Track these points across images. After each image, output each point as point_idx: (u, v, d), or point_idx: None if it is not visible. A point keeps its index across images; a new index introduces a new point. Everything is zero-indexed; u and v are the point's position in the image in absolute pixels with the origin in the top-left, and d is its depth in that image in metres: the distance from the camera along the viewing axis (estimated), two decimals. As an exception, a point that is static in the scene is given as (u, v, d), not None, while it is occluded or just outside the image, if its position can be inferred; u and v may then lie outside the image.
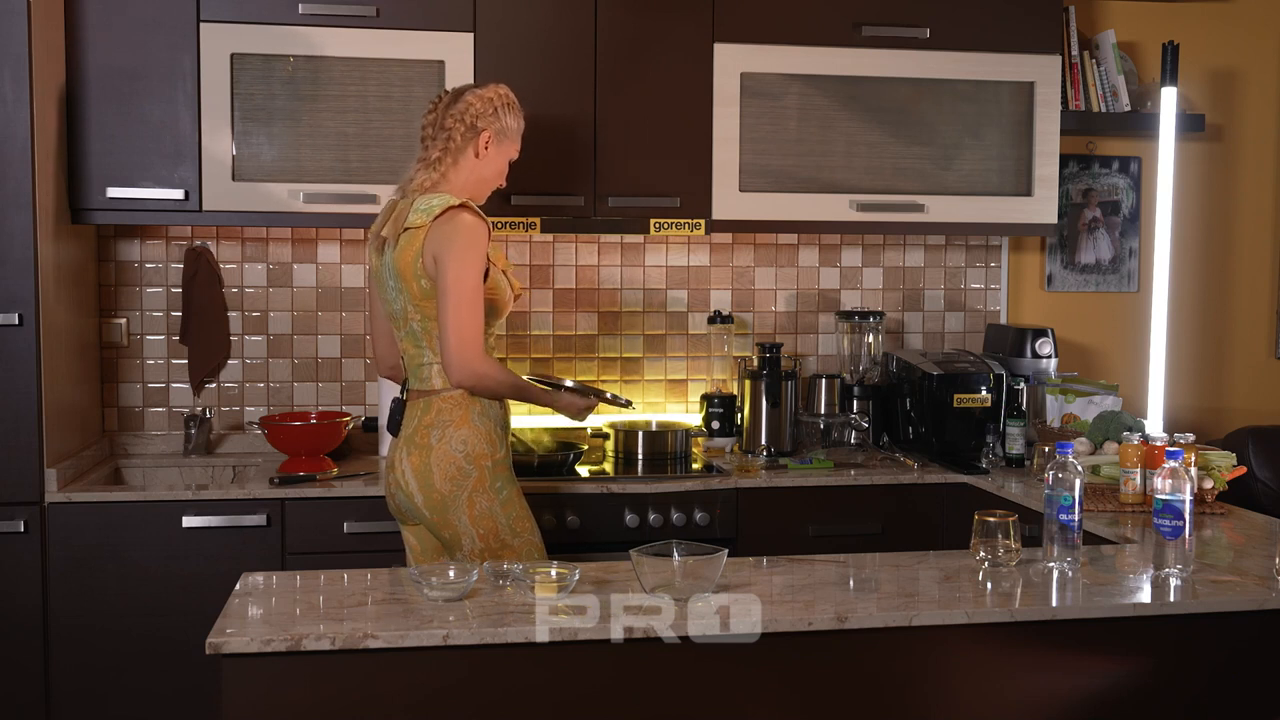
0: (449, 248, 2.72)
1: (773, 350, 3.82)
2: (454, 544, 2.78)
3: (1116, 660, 2.31)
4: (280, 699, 2.06)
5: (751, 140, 3.65)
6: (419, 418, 2.80)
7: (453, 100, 2.89)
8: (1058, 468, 2.45)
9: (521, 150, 2.94)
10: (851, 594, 2.34)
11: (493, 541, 2.77)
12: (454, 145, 2.85)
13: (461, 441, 2.77)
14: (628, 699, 2.16)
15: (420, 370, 2.83)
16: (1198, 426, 4.22)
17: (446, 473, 2.76)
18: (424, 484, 2.77)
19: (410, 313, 2.79)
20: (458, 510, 2.76)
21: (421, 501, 2.77)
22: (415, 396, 2.83)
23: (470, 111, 2.86)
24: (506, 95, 2.93)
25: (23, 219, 3.09)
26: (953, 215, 3.78)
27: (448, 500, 2.76)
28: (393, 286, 2.81)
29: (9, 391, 3.10)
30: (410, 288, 2.77)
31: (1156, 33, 4.15)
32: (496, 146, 2.90)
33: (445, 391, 2.79)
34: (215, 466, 3.68)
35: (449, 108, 2.87)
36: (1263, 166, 4.38)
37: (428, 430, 2.78)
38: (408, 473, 2.78)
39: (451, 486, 2.76)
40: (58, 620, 3.16)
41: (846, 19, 3.67)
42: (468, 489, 2.76)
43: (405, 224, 2.76)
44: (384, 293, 2.85)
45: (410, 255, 2.76)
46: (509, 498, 2.82)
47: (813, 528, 3.45)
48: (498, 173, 2.94)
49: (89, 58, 3.32)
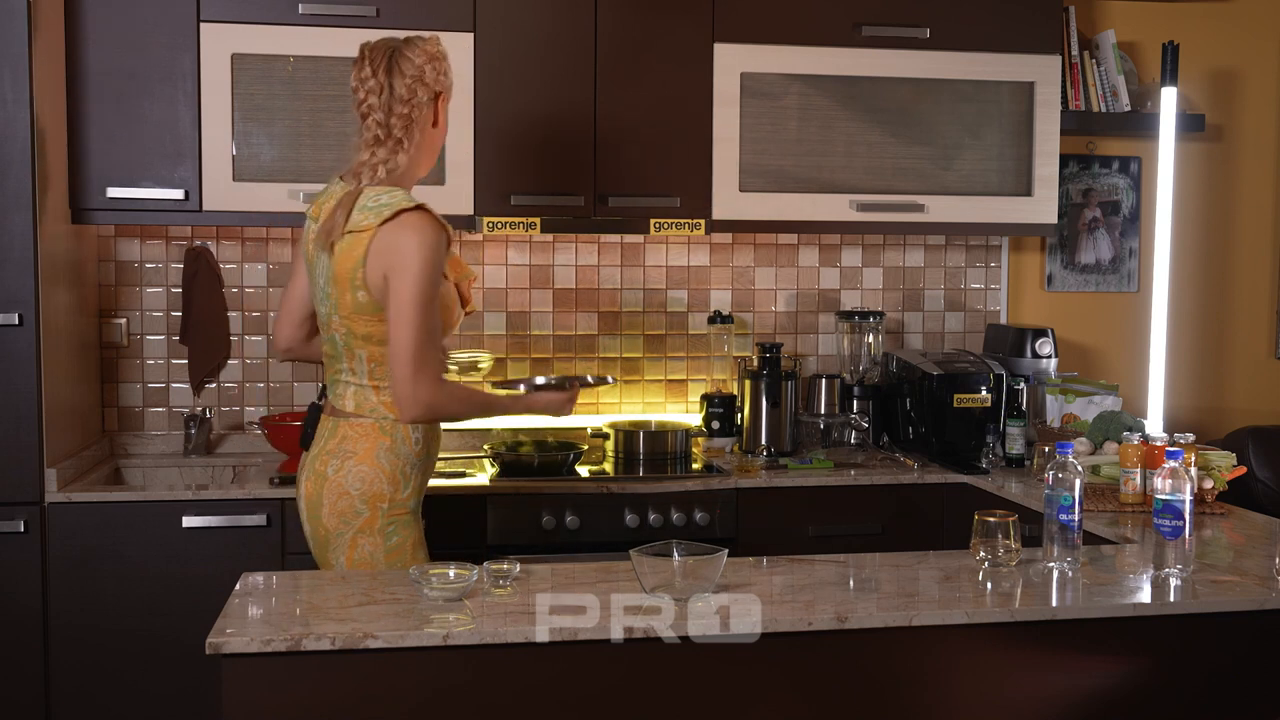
0: (403, 262, 2.39)
1: (773, 350, 3.82)
2: None
3: (1116, 660, 2.31)
4: (280, 699, 2.06)
5: (751, 140, 3.65)
6: (324, 441, 2.56)
7: (394, 61, 2.53)
8: (1058, 468, 2.45)
9: (520, 148, 2.92)
10: (851, 594, 2.34)
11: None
12: (419, 115, 2.53)
13: (359, 479, 2.50)
14: (628, 699, 2.16)
15: (335, 386, 2.58)
16: (1198, 426, 4.21)
17: (335, 507, 2.51)
18: (312, 514, 2.55)
19: (334, 323, 2.51)
20: (338, 550, 2.53)
21: (309, 532, 2.59)
22: (328, 412, 2.59)
23: (427, 73, 2.54)
24: (439, 42, 2.61)
25: (23, 219, 3.09)
26: (953, 215, 3.78)
27: (330, 537, 2.53)
28: (322, 288, 2.52)
29: (9, 391, 3.10)
30: (343, 298, 2.47)
31: (1156, 33, 4.15)
32: (444, 107, 2.61)
33: (355, 418, 2.53)
34: (215, 466, 3.68)
35: (394, 72, 2.52)
36: (1263, 166, 4.38)
37: (328, 458, 2.53)
38: (300, 498, 2.59)
39: (337, 522, 2.52)
40: (58, 620, 3.16)
41: (846, 19, 3.67)
42: (354, 528, 2.51)
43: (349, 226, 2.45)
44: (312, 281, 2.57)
45: (350, 263, 2.45)
46: (396, 545, 2.53)
47: (813, 528, 3.45)
48: (443, 138, 2.65)
49: (89, 57, 3.32)
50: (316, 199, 2.63)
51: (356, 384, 2.55)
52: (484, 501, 3.32)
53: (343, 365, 2.56)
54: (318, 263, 2.55)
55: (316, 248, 2.54)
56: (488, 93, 3.49)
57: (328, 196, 2.59)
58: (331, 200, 2.56)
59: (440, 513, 3.08)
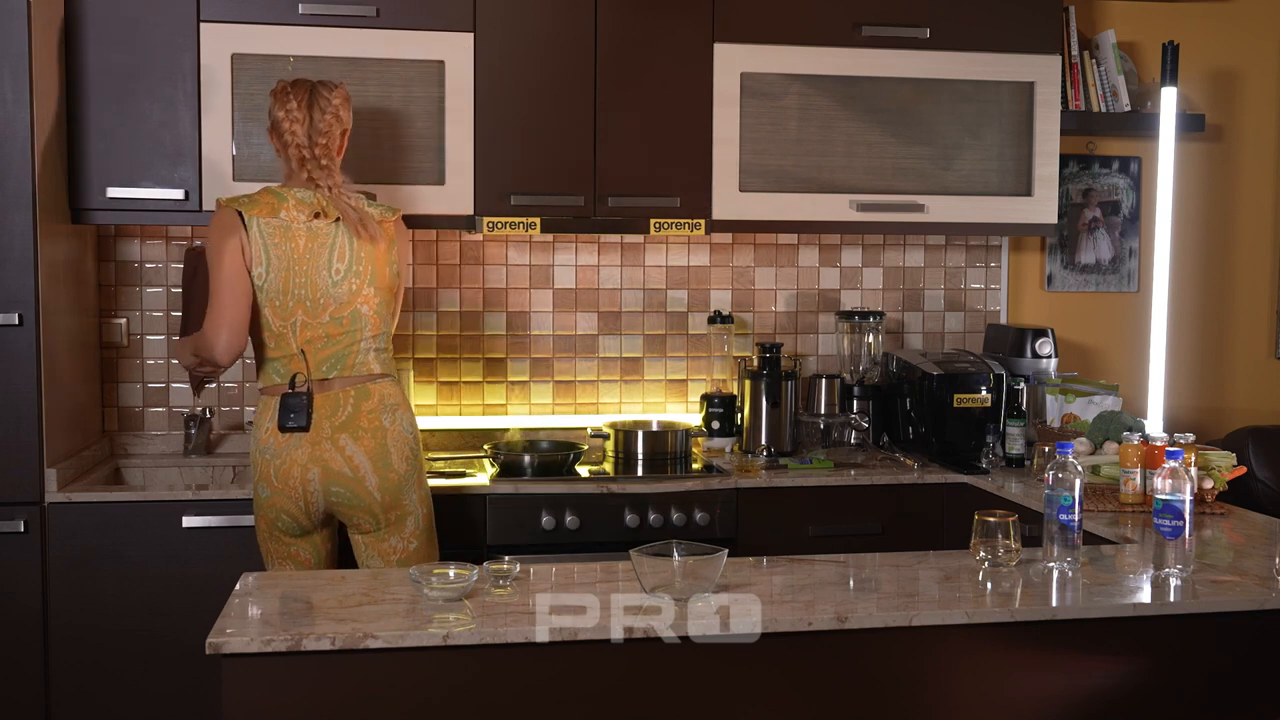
0: (407, 252, 3.08)
1: (773, 350, 3.82)
2: (396, 526, 2.88)
3: (1116, 660, 2.31)
4: (280, 699, 2.06)
5: (751, 140, 3.65)
6: (353, 404, 2.86)
7: (319, 101, 2.92)
8: (1058, 468, 2.45)
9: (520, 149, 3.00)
10: (851, 594, 2.34)
11: (430, 521, 2.95)
12: (336, 145, 2.96)
13: (409, 425, 2.91)
14: (628, 699, 2.16)
15: (350, 357, 2.88)
16: (1198, 426, 4.21)
17: (402, 453, 2.87)
18: (381, 466, 2.84)
19: (365, 295, 2.89)
20: (410, 489, 2.89)
21: (376, 485, 2.83)
22: (341, 384, 2.87)
23: (342, 116, 2.95)
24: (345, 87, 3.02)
25: (23, 219, 3.09)
26: (953, 215, 3.78)
27: (404, 480, 2.87)
28: (342, 269, 2.87)
29: (9, 391, 3.10)
30: (382, 272, 2.91)
31: (1156, 33, 4.15)
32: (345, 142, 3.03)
33: (382, 378, 2.91)
34: (215, 466, 3.68)
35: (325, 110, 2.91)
36: (1263, 166, 4.38)
37: (374, 415, 2.86)
38: (357, 458, 2.83)
39: (407, 465, 2.88)
40: (58, 620, 3.16)
41: (846, 19, 3.67)
42: (417, 468, 2.91)
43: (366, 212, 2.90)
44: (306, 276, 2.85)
45: (385, 243, 2.93)
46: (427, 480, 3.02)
47: (813, 528, 3.45)
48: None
49: (89, 57, 3.32)
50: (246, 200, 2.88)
51: (377, 348, 2.92)
52: (484, 501, 3.32)
53: (364, 334, 2.90)
54: (330, 248, 2.86)
55: (355, 236, 2.88)
56: (488, 93, 3.49)
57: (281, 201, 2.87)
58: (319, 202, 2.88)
59: (440, 512, 3.09)
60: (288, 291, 2.85)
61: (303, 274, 2.85)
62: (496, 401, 3.92)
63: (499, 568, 2.31)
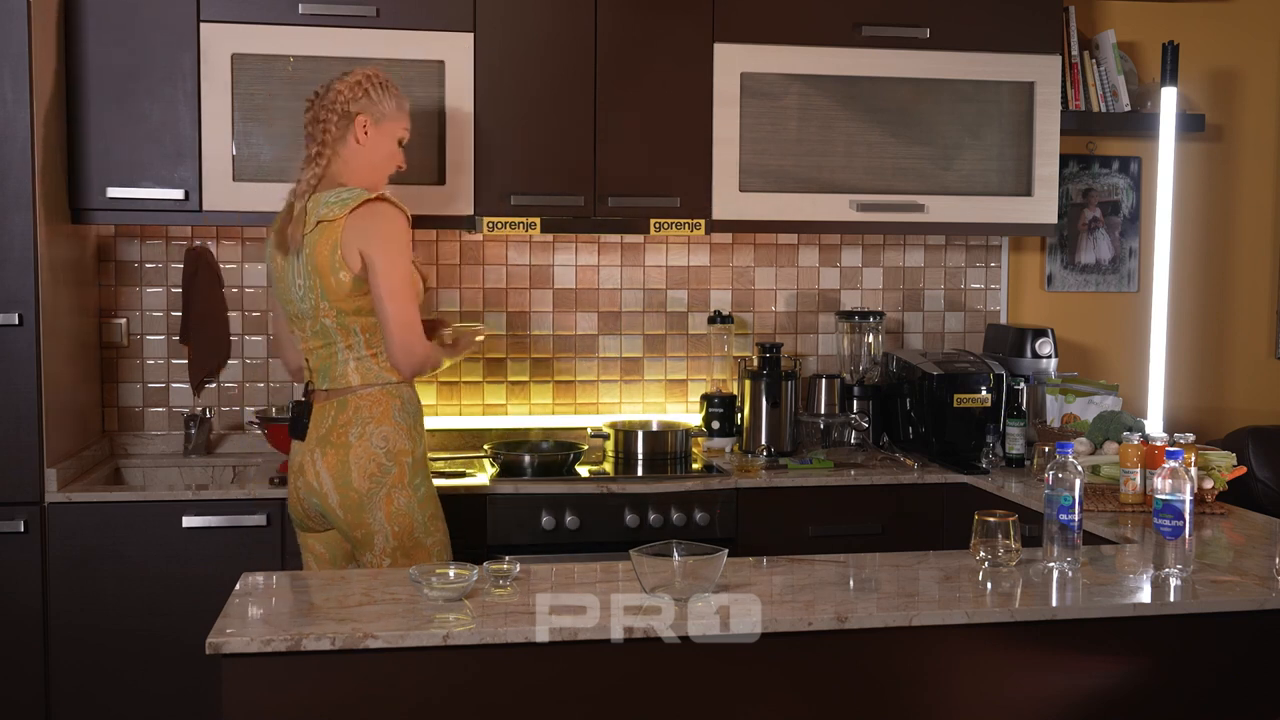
0: (377, 240, 2.71)
1: (773, 350, 3.82)
2: (365, 544, 2.76)
3: (1116, 660, 2.31)
4: (280, 699, 2.06)
5: (751, 140, 3.65)
6: (333, 417, 2.77)
7: (324, 92, 2.85)
8: (1058, 468, 2.45)
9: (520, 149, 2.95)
10: (851, 594, 2.34)
11: (406, 540, 2.76)
12: (330, 137, 2.81)
13: (383, 438, 2.75)
14: (628, 699, 2.16)
15: (333, 368, 2.80)
16: (1198, 426, 4.21)
17: (365, 470, 2.74)
18: (340, 483, 2.75)
19: (323, 309, 2.76)
20: (374, 508, 2.74)
21: (337, 502, 2.75)
22: (327, 396, 2.80)
23: (340, 99, 2.82)
24: (375, 75, 2.87)
25: (23, 219, 3.09)
26: (953, 215, 3.78)
27: (364, 499, 2.74)
28: (302, 285, 2.77)
29: (9, 391, 3.10)
30: (327, 283, 2.73)
31: (1156, 33, 4.15)
32: (375, 128, 2.85)
33: (363, 389, 2.77)
34: (215, 466, 3.68)
35: (321, 100, 2.84)
36: (1263, 166, 4.38)
37: (344, 429, 2.76)
38: (322, 474, 2.76)
39: (370, 484, 2.74)
40: (58, 620, 3.16)
41: (846, 19, 3.67)
42: (386, 485, 2.75)
43: (317, 218, 2.73)
44: (287, 293, 2.83)
45: (327, 249, 2.72)
46: (426, 495, 2.81)
47: (813, 528, 3.45)
48: (388, 156, 2.89)
49: (89, 57, 3.32)
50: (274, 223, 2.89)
51: (356, 357, 2.79)
52: (484, 501, 3.32)
53: (338, 345, 2.79)
54: (288, 269, 2.81)
55: (282, 253, 2.82)
56: (488, 93, 3.49)
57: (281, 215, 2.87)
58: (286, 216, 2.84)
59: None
60: (284, 305, 2.88)
61: (284, 289, 2.85)
62: (496, 401, 3.92)
63: (499, 568, 2.31)
